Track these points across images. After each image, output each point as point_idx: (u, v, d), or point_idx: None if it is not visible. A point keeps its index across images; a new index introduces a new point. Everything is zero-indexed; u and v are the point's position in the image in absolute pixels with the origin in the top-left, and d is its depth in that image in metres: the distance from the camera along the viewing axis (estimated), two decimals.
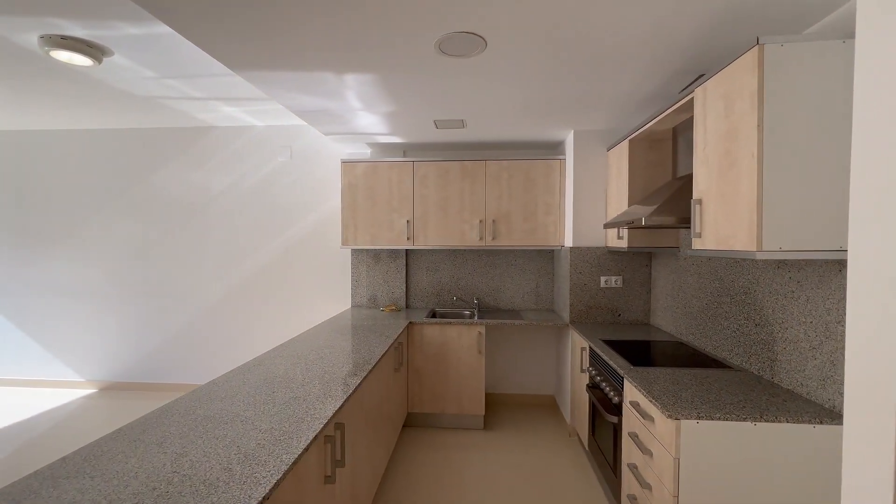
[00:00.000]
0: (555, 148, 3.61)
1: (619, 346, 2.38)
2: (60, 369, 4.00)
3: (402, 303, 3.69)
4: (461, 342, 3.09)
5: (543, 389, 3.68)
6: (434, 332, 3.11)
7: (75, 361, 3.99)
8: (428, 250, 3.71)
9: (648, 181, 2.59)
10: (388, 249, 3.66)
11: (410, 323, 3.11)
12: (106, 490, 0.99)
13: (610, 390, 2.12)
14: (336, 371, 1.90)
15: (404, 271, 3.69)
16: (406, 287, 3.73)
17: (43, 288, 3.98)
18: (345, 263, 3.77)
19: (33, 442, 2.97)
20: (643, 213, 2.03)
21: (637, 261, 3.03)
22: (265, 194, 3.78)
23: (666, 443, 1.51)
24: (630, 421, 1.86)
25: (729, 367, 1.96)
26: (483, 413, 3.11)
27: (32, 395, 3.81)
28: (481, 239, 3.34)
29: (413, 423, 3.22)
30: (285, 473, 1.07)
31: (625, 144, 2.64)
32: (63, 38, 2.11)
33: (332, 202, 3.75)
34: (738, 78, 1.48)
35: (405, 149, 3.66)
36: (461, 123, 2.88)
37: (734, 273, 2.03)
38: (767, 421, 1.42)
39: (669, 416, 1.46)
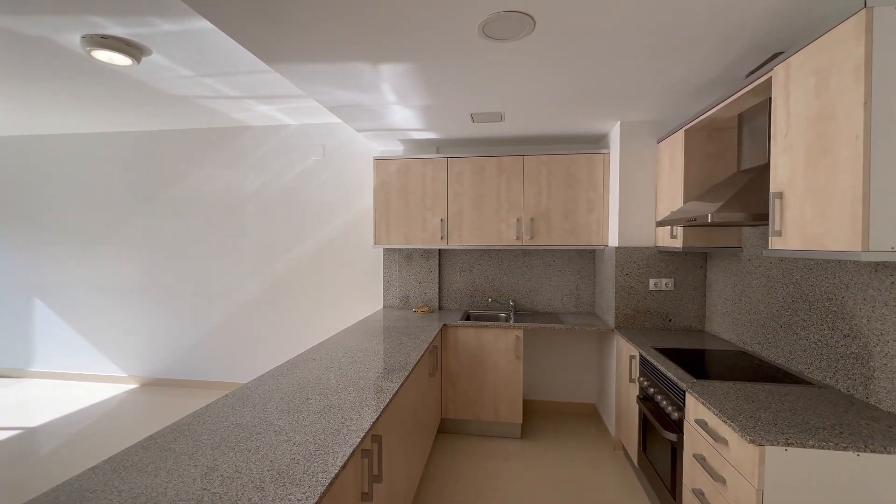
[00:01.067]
0: (598, 141, 3.40)
1: (673, 355, 2.17)
2: (105, 364, 4.13)
3: (435, 304, 3.58)
4: (497, 346, 2.95)
5: (584, 397, 3.48)
6: (469, 336, 2.98)
7: (118, 357, 4.11)
8: (462, 250, 3.59)
9: (707, 175, 2.36)
10: (420, 249, 3.56)
11: (444, 325, 2.99)
12: None
13: (667, 404, 1.92)
14: (370, 376, 1.80)
15: (437, 271, 3.58)
16: (439, 288, 3.61)
17: (89, 286, 4.13)
18: (377, 263, 3.70)
19: (81, 433, 3.05)
20: (707, 209, 1.83)
21: (690, 262, 2.79)
22: (299, 193, 3.76)
23: (745, 471, 1.31)
24: (695, 441, 1.66)
25: (808, 383, 1.72)
26: (520, 421, 2.96)
27: (80, 389, 3.95)
28: (518, 238, 3.18)
29: (447, 429, 3.10)
30: (321, 497, 0.97)
31: (679, 135, 2.42)
32: (104, 37, 2.12)
33: (365, 201, 3.69)
34: (837, 49, 1.27)
35: (438, 145, 3.55)
36: (499, 117, 2.74)
37: (814, 276, 1.80)
38: (874, 451, 1.21)
39: (751, 441, 1.27)
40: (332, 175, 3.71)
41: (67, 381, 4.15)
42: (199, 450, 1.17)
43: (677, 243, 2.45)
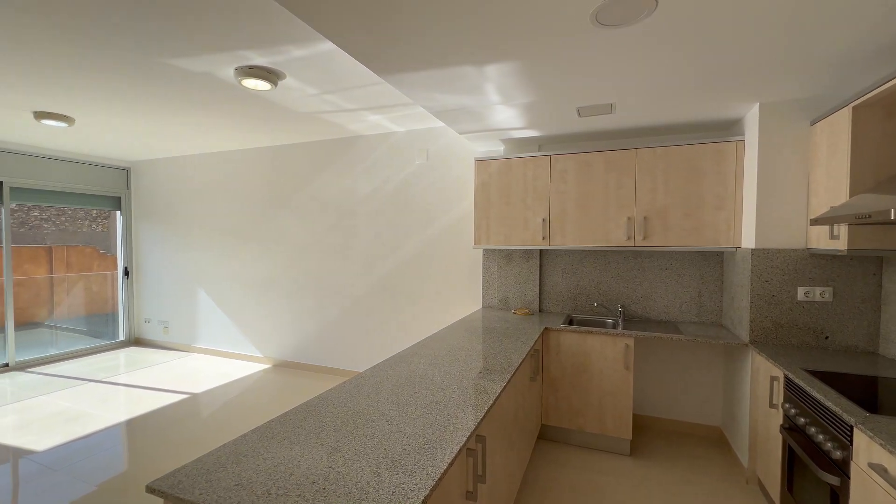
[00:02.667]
0: (728, 128, 2.97)
1: (833, 380, 1.80)
2: (247, 346, 4.86)
3: (535, 306, 3.49)
4: (604, 354, 2.76)
5: (707, 418, 3.07)
6: (572, 341, 2.84)
7: (256, 340, 4.80)
8: (565, 251, 3.44)
9: (884, 161, 1.90)
10: (521, 249, 3.50)
11: (546, 329, 2.90)
12: (275, 475, 1.05)
13: (825, 439, 1.59)
14: (472, 375, 1.82)
15: (538, 273, 3.48)
16: (540, 289, 3.51)
17: (234, 279, 4.90)
18: (477, 263, 3.74)
19: (229, 402, 3.63)
20: (891, 203, 1.47)
21: (858, 268, 2.28)
22: (404, 196, 3.98)
23: None
24: (868, 490, 1.35)
25: None
26: (630, 437, 2.73)
27: (229, 365, 4.71)
28: (629, 238, 2.93)
29: (547, 436, 3.00)
30: (431, 490, 1.00)
31: (844, 114, 1.99)
32: (251, 67, 2.48)
33: (466, 202, 3.75)
34: None
35: (540, 143, 3.45)
36: (609, 108, 2.55)
37: None
38: None
39: None
40: (436, 178, 3.85)
41: (220, 358, 4.98)
42: (324, 430, 1.30)
43: (840, 245, 2.02)
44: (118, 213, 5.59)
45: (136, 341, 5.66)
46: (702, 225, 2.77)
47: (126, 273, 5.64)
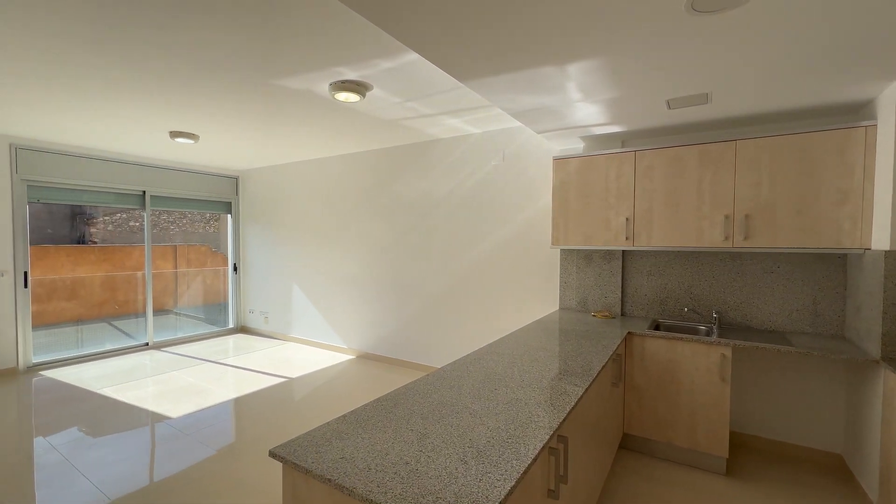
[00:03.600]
0: (852, 112, 2.59)
1: None
2: (334, 337, 5.28)
3: (617, 309, 3.34)
4: (696, 363, 2.56)
5: (823, 443, 2.71)
6: (659, 348, 2.67)
7: (342, 332, 5.19)
8: (651, 251, 3.24)
9: None
10: (601, 250, 3.37)
11: (629, 333, 2.76)
12: (372, 453, 1.16)
13: None
14: (551, 376, 1.81)
15: (620, 274, 3.33)
16: (622, 292, 3.35)
17: (324, 275, 5.34)
18: (553, 264, 3.68)
19: (320, 388, 3.98)
20: None
21: None
22: (480, 196, 4.04)
23: None
24: None
25: None
26: (726, 455, 2.50)
27: (318, 354, 5.15)
28: (727, 239, 2.69)
29: (629, 445, 2.86)
30: (517, 482, 1.04)
31: None
32: (343, 82, 2.71)
33: (542, 201, 3.71)
34: None
35: (623, 138, 3.29)
36: (704, 99, 2.37)
37: None
38: None
39: None
40: (511, 178, 3.86)
41: (311, 347, 5.46)
42: (413, 418, 1.40)
43: None
44: (229, 216, 6.39)
45: (241, 329, 6.42)
46: (818, 223, 2.45)
47: (234, 269, 6.42)
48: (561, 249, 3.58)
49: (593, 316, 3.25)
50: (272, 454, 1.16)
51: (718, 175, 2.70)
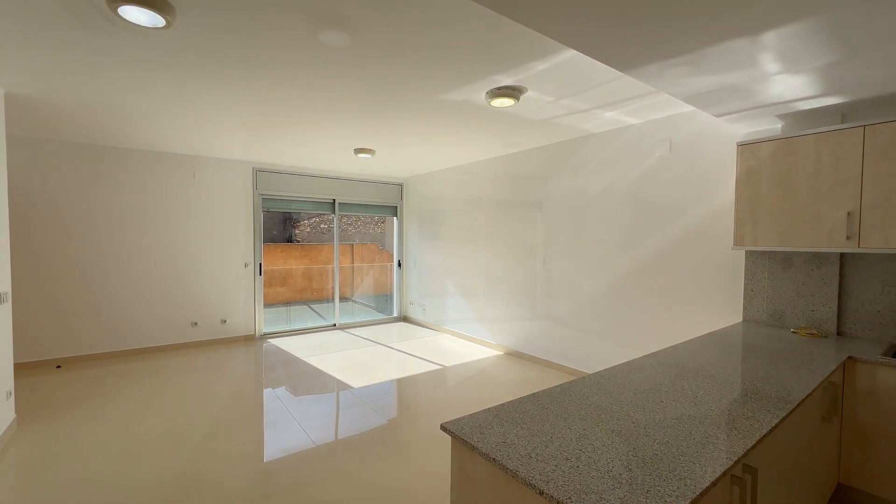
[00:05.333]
0: None
1: None
2: (483, 332, 5.53)
3: (830, 326, 2.66)
4: None
5: None
6: None
7: (491, 328, 5.39)
8: (887, 255, 2.49)
9: None
10: (807, 252, 2.74)
11: (849, 358, 2.18)
12: (532, 442, 1.21)
13: None
14: (733, 396, 1.57)
15: (836, 283, 2.64)
16: (839, 305, 2.66)
17: (475, 273, 5.62)
18: (734, 268, 3.13)
19: (471, 378, 4.23)
20: None
21: None
22: (641, 192, 3.71)
23: None
24: None
25: None
26: None
27: (468, 347, 5.47)
28: None
29: (844, 498, 2.25)
30: (693, 502, 0.96)
31: None
32: (499, 88, 2.83)
33: (720, 195, 3.19)
34: None
35: (844, 111, 2.60)
36: None
37: None
38: None
39: None
40: (680, 170, 3.43)
41: (462, 339, 5.83)
42: (570, 417, 1.40)
43: None
44: (394, 218, 7.28)
45: (404, 318, 7.24)
46: None
47: (398, 265, 7.29)
48: (746, 251, 3.03)
49: (793, 333, 2.66)
50: (443, 428, 1.32)
51: None
